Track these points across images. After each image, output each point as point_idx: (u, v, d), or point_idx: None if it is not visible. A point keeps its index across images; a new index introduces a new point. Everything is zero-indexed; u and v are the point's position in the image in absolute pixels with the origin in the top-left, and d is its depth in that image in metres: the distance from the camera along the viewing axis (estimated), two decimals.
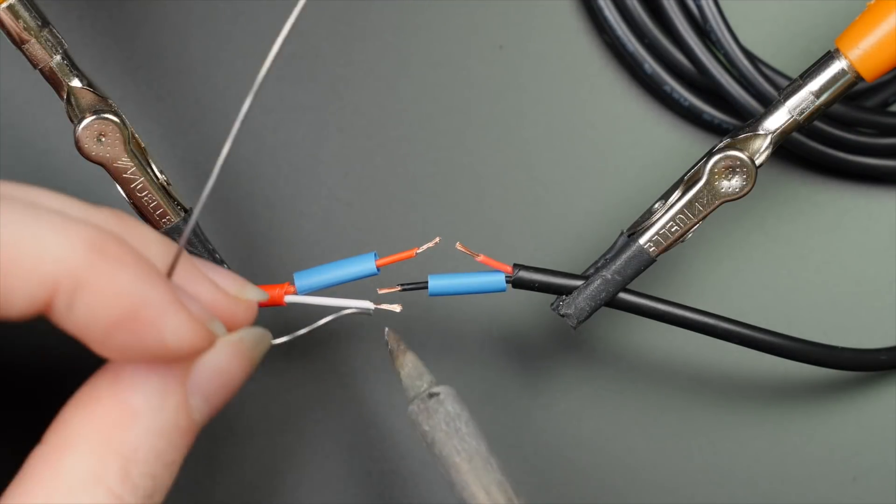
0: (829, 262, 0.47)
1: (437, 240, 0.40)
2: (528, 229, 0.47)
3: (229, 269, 0.39)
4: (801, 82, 0.39)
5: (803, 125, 0.40)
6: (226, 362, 0.34)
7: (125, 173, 0.39)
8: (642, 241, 0.40)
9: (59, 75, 0.38)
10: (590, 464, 0.46)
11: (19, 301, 0.30)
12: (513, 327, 0.46)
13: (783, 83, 0.45)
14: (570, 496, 0.46)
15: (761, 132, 0.40)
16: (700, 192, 0.40)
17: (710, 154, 0.40)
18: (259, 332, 0.36)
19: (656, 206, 0.41)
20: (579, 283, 0.41)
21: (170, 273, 0.33)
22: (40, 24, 0.38)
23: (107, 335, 0.30)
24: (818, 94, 0.39)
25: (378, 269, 0.40)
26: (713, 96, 0.46)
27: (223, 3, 0.47)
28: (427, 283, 0.40)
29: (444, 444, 0.37)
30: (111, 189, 0.39)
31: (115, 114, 0.38)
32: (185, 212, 0.40)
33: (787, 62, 0.47)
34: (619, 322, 0.46)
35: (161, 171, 0.40)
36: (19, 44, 0.38)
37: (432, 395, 0.38)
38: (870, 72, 0.39)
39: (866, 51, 0.38)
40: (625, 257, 0.41)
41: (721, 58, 0.45)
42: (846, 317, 0.47)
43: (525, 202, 0.47)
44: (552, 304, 0.41)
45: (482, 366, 0.46)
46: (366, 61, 0.47)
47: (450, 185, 0.47)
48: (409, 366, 0.39)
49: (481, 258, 0.40)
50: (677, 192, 0.40)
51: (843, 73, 0.39)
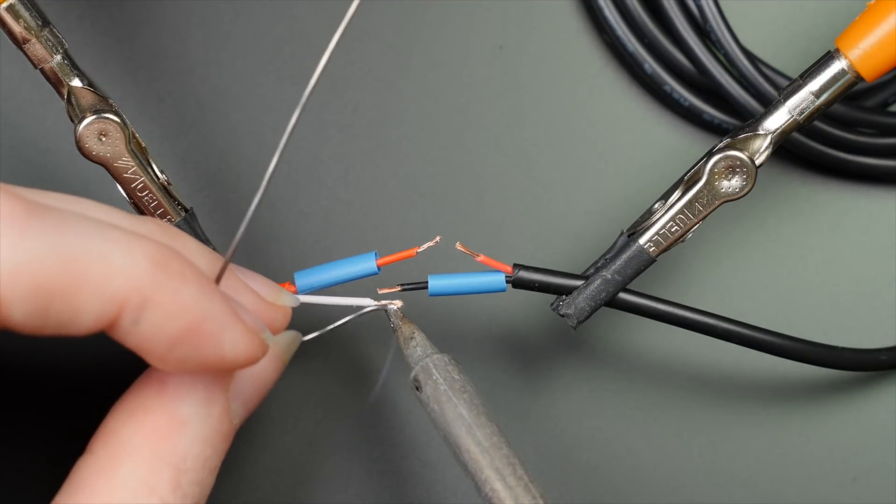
0: (829, 262, 0.47)
1: (438, 239, 0.40)
2: (528, 229, 0.47)
3: None
4: (801, 82, 0.39)
5: (803, 125, 0.40)
6: (263, 367, 0.34)
7: (126, 173, 0.39)
8: (642, 241, 0.40)
9: (60, 75, 0.38)
10: (590, 464, 0.46)
11: (88, 318, 0.29)
12: (513, 327, 0.46)
13: (783, 83, 0.45)
14: (570, 496, 0.46)
15: (761, 132, 0.40)
16: (700, 192, 0.40)
17: (710, 154, 0.40)
18: (292, 334, 0.36)
19: (656, 206, 0.41)
20: (579, 283, 0.41)
21: (217, 282, 0.33)
22: (41, 23, 0.38)
23: (169, 349, 0.30)
24: (818, 94, 0.39)
25: (378, 269, 0.40)
26: (713, 96, 0.46)
27: (223, 3, 0.47)
28: (427, 283, 0.40)
29: (445, 401, 0.37)
30: (112, 189, 0.39)
31: (116, 113, 0.38)
32: (186, 211, 0.40)
33: (787, 62, 0.47)
34: (619, 322, 0.46)
35: (161, 171, 0.40)
36: (20, 43, 0.38)
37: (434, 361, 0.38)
38: (870, 72, 0.39)
39: (866, 51, 0.38)
40: (625, 257, 0.41)
41: (721, 58, 0.45)
42: (846, 317, 0.47)
43: (525, 202, 0.47)
44: (552, 304, 0.41)
45: (482, 366, 0.46)
46: (366, 61, 0.47)
47: (450, 185, 0.47)
48: (417, 337, 0.39)
49: (481, 258, 0.40)
50: (677, 192, 0.40)
51: (843, 73, 0.39)
